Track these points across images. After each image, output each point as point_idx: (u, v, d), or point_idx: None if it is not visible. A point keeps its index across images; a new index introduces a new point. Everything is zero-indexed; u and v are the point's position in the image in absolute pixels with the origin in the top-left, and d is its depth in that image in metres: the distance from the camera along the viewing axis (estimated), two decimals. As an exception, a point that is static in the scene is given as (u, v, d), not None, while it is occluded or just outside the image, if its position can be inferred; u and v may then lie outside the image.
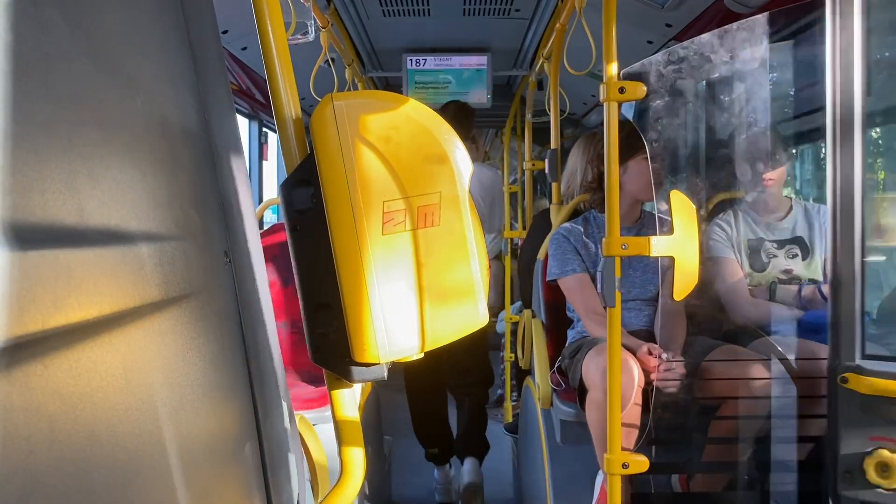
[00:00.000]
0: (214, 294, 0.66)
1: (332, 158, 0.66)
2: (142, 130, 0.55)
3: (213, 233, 0.68)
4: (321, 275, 0.68)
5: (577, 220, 2.29)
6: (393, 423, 3.81)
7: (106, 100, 0.50)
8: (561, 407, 2.18)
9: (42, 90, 0.42)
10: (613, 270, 1.51)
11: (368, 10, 3.09)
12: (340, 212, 0.66)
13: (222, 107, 0.76)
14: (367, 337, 0.67)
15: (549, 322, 2.48)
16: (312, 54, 2.54)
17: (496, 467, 3.84)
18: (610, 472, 1.53)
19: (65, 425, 0.40)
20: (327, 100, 0.67)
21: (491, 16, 3.20)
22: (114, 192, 0.49)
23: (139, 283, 0.49)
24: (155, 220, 0.55)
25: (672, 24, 2.59)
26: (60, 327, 0.39)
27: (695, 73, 3.06)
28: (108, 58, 0.52)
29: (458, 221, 0.68)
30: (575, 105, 4.02)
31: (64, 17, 0.46)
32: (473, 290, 0.70)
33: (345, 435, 0.77)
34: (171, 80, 0.64)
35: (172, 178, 0.60)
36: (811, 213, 2.21)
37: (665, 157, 2.20)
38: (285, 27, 0.78)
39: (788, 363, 1.88)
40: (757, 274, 2.18)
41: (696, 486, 2.02)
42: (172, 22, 0.66)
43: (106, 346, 0.45)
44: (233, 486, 0.66)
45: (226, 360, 0.67)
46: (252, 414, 0.73)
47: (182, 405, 0.56)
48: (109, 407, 0.45)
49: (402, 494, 3.52)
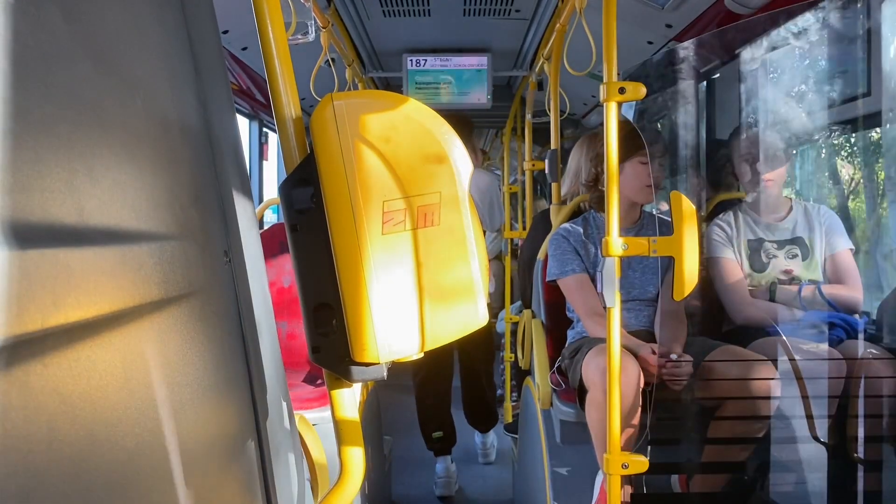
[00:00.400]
0: (214, 293, 0.66)
1: (332, 158, 0.66)
2: (142, 130, 0.56)
3: (212, 232, 0.68)
4: (321, 274, 0.68)
5: (576, 221, 2.29)
6: (393, 423, 3.81)
7: (106, 100, 0.50)
8: (561, 407, 2.18)
9: (42, 90, 0.42)
10: (613, 271, 1.51)
11: (369, 10, 3.09)
12: (340, 212, 0.66)
13: (222, 107, 0.76)
14: (366, 337, 0.67)
15: (548, 322, 2.48)
16: (313, 54, 2.54)
17: (496, 467, 3.85)
18: (609, 473, 1.53)
19: (64, 424, 0.40)
20: (327, 100, 0.67)
21: (491, 16, 3.20)
22: (114, 191, 0.49)
23: (139, 282, 0.50)
24: (155, 219, 0.55)
25: (672, 24, 2.59)
26: (60, 326, 0.39)
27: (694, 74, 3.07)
28: (108, 58, 0.52)
29: (458, 221, 0.68)
30: (575, 105, 4.02)
31: (64, 17, 0.46)
32: (473, 289, 0.70)
33: (344, 434, 0.77)
34: (171, 80, 0.64)
35: (172, 178, 0.60)
36: (811, 213, 2.21)
37: (663, 159, 2.20)
38: (285, 27, 0.78)
39: (789, 363, 1.88)
40: (757, 274, 2.18)
41: (695, 487, 2.02)
42: (173, 22, 0.66)
43: (105, 346, 0.45)
44: (232, 486, 0.66)
45: (225, 359, 0.67)
46: (252, 413, 0.73)
47: (181, 404, 0.56)
48: (109, 406, 0.45)
49: (401, 494, 3.52)
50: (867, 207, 2.55)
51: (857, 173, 2.55)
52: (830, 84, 2.33)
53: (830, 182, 2.62)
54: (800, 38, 2.35)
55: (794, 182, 2.29)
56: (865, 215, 2.53)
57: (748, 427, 1.89)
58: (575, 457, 2.19)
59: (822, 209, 2.24)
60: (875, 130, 2.36)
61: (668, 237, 1.46)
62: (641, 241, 1.47)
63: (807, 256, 2.16)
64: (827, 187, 2.63)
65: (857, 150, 2.62)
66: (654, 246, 1.47)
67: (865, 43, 2.08)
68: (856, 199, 2.62)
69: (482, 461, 3.87)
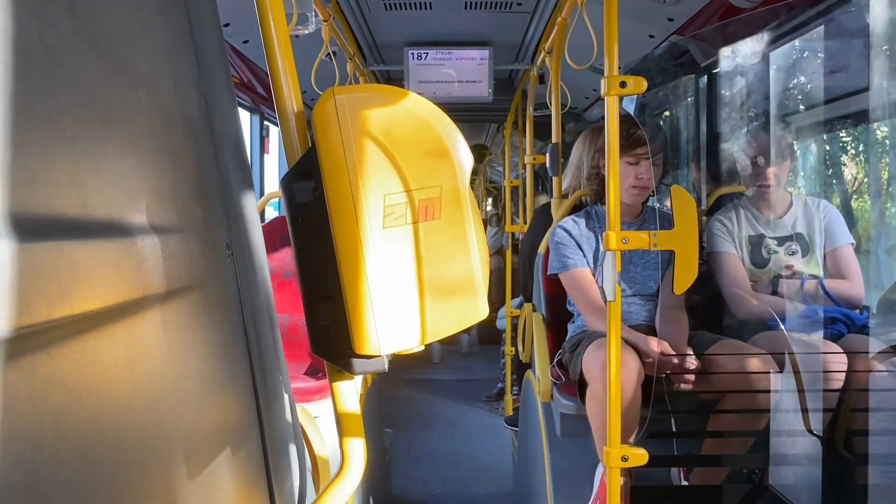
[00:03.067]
0: (216, 286, 0.67)
1: (334, 152, 0.67)
2: (144, 124, 0.56)
3: (215, 226, 0.68)
4: (322, 268, 0.68)
5: (578, 215, 2.29)
6: (394, 416, 3.82)
7: (109, 93, 0.50)
8: (561, 400, 2.19)
9: (45, 84, 0.42)
10: (614, 265, 1.52)
11: (370, 3, 3.08)
12: (342, 205, 0.67)
13: (224, 100, 0.77)
14: (367, 329, 0.67)
15: (549, 316, 2.48)
16: (314, 48, 2.54)
17: (496, 460, 3.86)
18: (609, 466, 1.53)
19: (69, 416, 0.40)
20: (329, 94, 0.67)
21: (492, 9, 3.20)
22: (117, 185, 0.49)
23: (142, 275, 0.50)
24: (157, 212, 0.55)
25: (674, 18, 2.58)
26: (65, 318, 0.40)
27: (696, 68, 3.06)
28: (111, 52, 0.52)
29: (459, 215, 0.69)
30: (576, 99, 4.02)
31: (67, 11, 0.46)
32: (474, 283, 0.70)
33: (345, 427, 0.78)
34: (173, 73, 0.64)
35: (175, 172, 0.60)
36: (811, 207, 2.21)
37: (660, 158, 2.20)
38: (287, 20, 0.78)
39: (789, 357, 1.88)
40: (758, 270, 2.18)
41: (695, 479, 2.03)
42: (175, 15, 0.67)
43: (110, 338, 0.45)
44: (235, 477, 0.66)
45: (228, 352, 0.68)
46: (254, 405, 0.74)
47: (185, 397, 0.56)
48: (113, 397, 0.45)
49: (402, 487, 3.54)
50: (870, 202, 2.54)
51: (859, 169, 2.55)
52: (831, 78, 2.33)
53: (833, 178, 2.62)
54: (801, 32, 2.34)
55: (796, 177, 2.28)
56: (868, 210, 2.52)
57: (748, 420, 1.90)
58: (575, 450, 2.20)
59: (822, 203, 2.24)
60: (876, 124, 2.36)
61: (669, 231, 1.46)
62: (642, 235, 1.47)
63: (806, 252, 2.16)
64: (829, 182, 2.63)
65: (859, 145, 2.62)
66: (655, 240, 1.47)
67: (866, 36, 2.08)
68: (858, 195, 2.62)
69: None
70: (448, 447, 4.13)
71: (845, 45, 2.22)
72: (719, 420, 1.94)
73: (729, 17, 2.31)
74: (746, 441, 1.93)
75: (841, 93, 2.26)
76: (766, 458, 1.87)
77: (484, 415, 4.79)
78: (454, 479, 3.65)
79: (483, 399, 5.11)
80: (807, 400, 1.81)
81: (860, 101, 2.17)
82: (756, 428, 1.87)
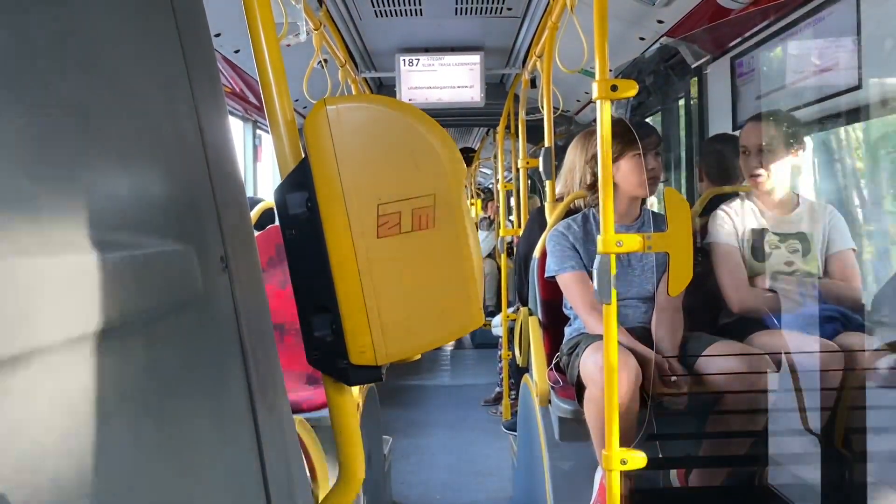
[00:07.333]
0: (211, 299, 0.66)
1: (326, 163, 0.66)
2: (134, 136, 0.56)
3: (208, 238, 0.68)
4: (317, 278, 0.68)
5: (575, 218, 2.29)
6: (392, 423, 3.82)
7: (98, 106, 0.50)
8: (559, 404, 2.18)
9: (35, 99, 0.42)
10: (608, 268, 1.52)
11: (360, 10, 3.09)
12: (335, 216, 0.66)
13: (215, 111, 0.76)
14: (363, 340, 0.67)
15: (546, 319, 2.48)
16: (305, 56, 2.54)
17: (495, 465, 3.85)
18: (608, 469, 1.53)
19: (64, 433, 0.40)
20: (320, 104, 0.67)
21: (483, 15, 3.21)
22: (108, 199, 0.49)
23: (135, 289, 0.50)
24: (149, 226, 0.55)
25: (663, 20, 2.59)
26: (58, 335, 0.39)
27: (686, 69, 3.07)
28: (99, 64, 0.52)
29: (453, 223, 0.69)
30: (568, 102, 4.03)
31: (54, 24, 0.46)
32: (468, 291, 0.70)
33: (343, 436, 0.77)
34: (163, 84, 0.64)
35: (166, 185, 0.60)
36: (817, 211, 2.22)
37: (658, 150, 2.21)
38: (277, 30, 0.78)
39: (786, 357, 1.88)
40: (757, 264, 2.18)
41: (694, 481, 2.02)
42: (164, 26, 0.66)
43: (104, 353, 0.45)
44: (233, 492, 0.66)
45: (224, 364, 0.68)
46: (251, 418, 0.74)
47: (181, 410, 0.56)
48: (109, 414, 0.45)
49: (401, 494, 3.53)
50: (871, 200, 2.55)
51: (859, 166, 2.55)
52: (823, 76, 2.34)
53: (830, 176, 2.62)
54: (791, 31, 2.35)
55: (797, 176, 2.28)
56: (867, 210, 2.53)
57: (746, 421, 1.90)
58: (574, 453, 2.20)
59: (829, 208, 2.24)
60: (867, 123, 2.37)
61: (663, 233, 1.46)
62: (636, 238, 1.47)
63: (807, 252, 2.17)
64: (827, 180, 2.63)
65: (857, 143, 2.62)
66: (649, 242, 1.47)
67: (857, 34, 2.09)
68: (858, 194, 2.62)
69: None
70: (447, 452, 4.12)
71: (835, 41, 2.23)
72: (717, 421, 1.94)
73: (718, 19, 2.32)
74: (745, 441, 1.93)
75: (832, 90, 2.27)
76: (764, 457, 1.87)
77: (482, 419, 4.79)
78: (454, 485, 3.64)
79: (481, 404, 5.10)
80: (804, 399, 1.82)
81: (848, 99, 2.18)
82: (754, 428, 1.87)
